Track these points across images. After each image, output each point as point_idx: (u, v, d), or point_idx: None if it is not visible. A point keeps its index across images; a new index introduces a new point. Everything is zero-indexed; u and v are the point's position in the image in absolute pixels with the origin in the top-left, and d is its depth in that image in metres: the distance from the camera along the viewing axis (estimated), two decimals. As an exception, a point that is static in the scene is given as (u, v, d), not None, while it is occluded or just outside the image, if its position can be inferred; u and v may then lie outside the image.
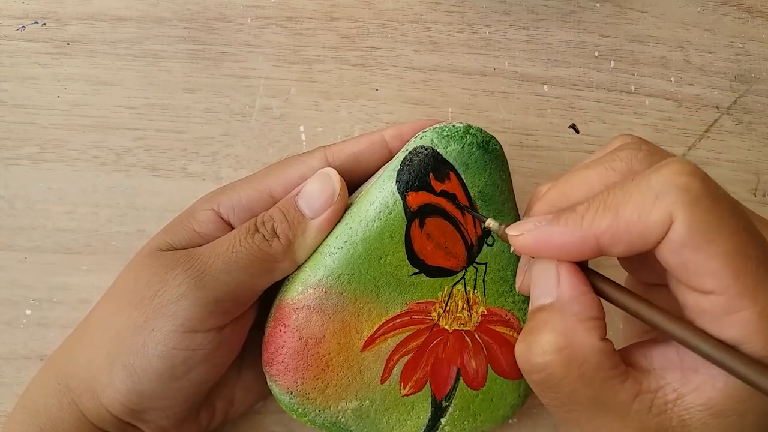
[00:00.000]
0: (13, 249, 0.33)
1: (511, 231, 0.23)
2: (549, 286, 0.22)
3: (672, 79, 0.38)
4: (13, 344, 0.32)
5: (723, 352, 0.19)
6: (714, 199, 0.19)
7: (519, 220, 0.28)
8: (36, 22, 0.34)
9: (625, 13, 0.38)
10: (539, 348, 0.21)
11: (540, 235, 0.21)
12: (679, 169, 0.19)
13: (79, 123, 0.34)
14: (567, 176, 0.23)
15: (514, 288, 0.28)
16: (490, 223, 0.25)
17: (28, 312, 0.32)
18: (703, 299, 0.19)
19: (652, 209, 0.19)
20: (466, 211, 0.27)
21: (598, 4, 0.38)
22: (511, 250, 0.28)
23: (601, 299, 0.22)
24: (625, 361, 0.21)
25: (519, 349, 0.22)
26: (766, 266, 0.18)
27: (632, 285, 0.27)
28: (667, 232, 0.19)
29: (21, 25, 0.34)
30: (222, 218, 0.28)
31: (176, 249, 0.27)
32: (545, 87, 0.37)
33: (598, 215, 0.20)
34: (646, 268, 0.25)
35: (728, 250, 0.18)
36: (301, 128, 0.35)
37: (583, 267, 0.22)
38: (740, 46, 0.38)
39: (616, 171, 0.22)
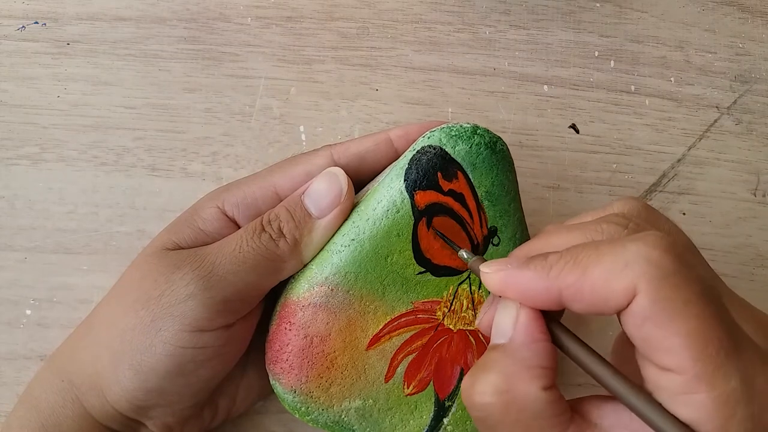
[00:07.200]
0: (13, 249, 0.33)
1: (484, 268, 0.23)
2: (506, 326, 0.22)
3: (672, 79, 0.38)
4: (13, 344, 0.32)
5: (677, 430, 0.18)
6: (683, 278, 0.19)
7: (524, 221, 0.28)
8: (36, 22, 0.34)
9: (625, 13, 0.38)
10: (481, 387, 0.21)
11: (507, 275, 0.21)
12: (653, 242, 0.19)
13: (79, 123, 0.34)
14: (552, 229, 0.23)
15: None
16: (463, 254, 0.26)
17: (28, 312, 0.32)
18: (661, 375, 0.19)
19: (619, 277, 0.19)
20: (442, 238, 0.27)
21: (598, 4, 0.38)
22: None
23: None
24: (576, 410, 0.21)
25: (465, 383, 0.22)
26: (728, 351, 0.18)
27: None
28: (630, 303, 0.19)
29: (21, 25, 0.34)
30: (227, 216, 0.28)
31: (182, 247, 0.27)
32: (545, 87, 0.37)
33: (566, 269, 0.20)
34: None
35: (690, 331, 0.18)
36: (301, 128, 0.35)
37: (547, 315, 0.22)
38: (740, 46, 0.38)
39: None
